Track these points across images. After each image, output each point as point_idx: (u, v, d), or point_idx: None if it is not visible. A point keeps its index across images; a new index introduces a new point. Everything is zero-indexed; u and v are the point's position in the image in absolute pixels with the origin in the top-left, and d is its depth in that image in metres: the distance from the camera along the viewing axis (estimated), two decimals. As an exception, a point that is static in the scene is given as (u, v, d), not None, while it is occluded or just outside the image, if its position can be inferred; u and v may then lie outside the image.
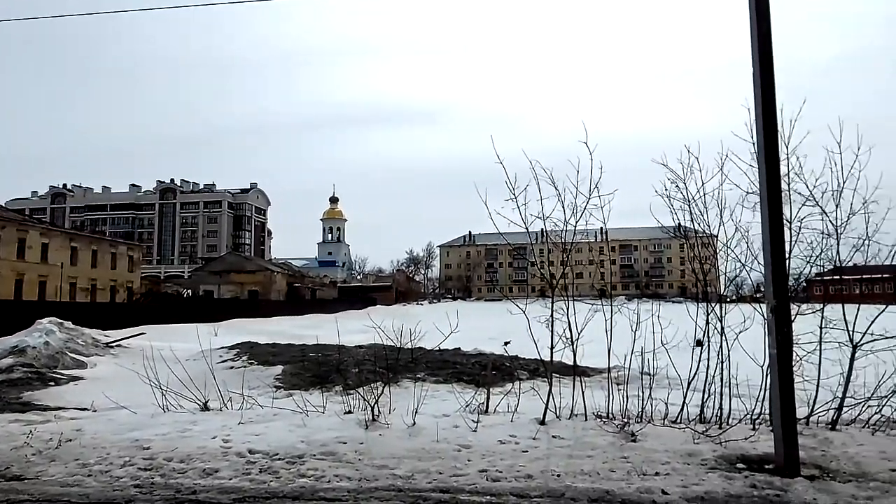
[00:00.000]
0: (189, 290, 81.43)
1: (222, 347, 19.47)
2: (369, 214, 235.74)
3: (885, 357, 7.17)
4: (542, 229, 8.58)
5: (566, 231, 8.29)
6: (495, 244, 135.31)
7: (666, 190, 8.10)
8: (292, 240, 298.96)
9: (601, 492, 5.37)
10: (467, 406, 8.29)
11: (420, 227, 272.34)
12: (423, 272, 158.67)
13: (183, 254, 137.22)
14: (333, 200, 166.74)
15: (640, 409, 7.57)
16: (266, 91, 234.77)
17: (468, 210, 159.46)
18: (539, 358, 8.53)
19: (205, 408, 8.73)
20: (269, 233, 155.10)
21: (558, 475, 5.77)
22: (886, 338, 7.19)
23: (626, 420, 7.28)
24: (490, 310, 56.69)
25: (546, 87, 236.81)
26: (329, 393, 10.61)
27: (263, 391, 11.68)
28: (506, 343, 17.99)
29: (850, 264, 7.84)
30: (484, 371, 12.07)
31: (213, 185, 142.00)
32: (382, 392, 7.99)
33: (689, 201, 7.96)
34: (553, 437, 6.95)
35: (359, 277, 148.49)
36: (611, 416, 7.64)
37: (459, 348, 17.40)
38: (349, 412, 8.22)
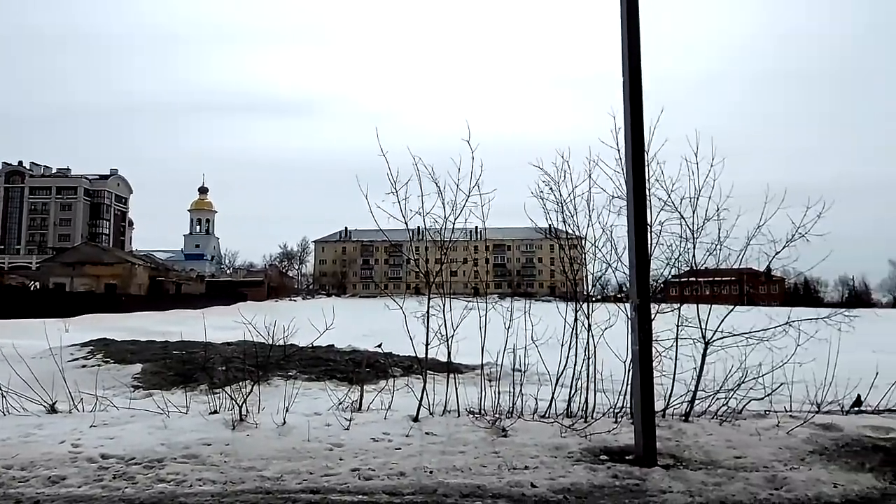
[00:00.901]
0: (37, 283, 75.12)
1: (74, 345, 17.96)
2: (242, 207, 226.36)
3: (733, 353, 7.81)
4: (420, 227, 8.59)
5: (445, 229, 8.36)
6: (371, 241, 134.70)
7: (541, 192, 8.38)
8: (157, 231, 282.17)
9: (473, 486, 5.43)
10: (340, 404, 8.15)
11: (295, 222, 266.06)
12: (296, 268, 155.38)
13: (31, 243, 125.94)
14: (203, 191, 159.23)
15: (511, 405, 7.76)
16: (135, 72, 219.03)
17: (345, 206, 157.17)
18: (414, 355, 8.54)
19: (52, 410, 8.02)
20: (131, 223, 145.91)
21: (431, 472, 5.79)
22: (734, 335, 7.83)
23: (497, 416, 7.42)
24: (365, 306, 56.27)
25: (428, 87, 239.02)
26: (193, 392, 10.07)
27: (120, 391, 10.89)
28: (378, 345, 17.91)
29: (704, 267, 8.44)
30: (358, 368, 11.94)
31: (68, 169, 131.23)
32: (251, 391, 7.69)
33: (561, 203, 8.29)
34: (426, 433, 6.97)
35: (229, 272, 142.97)
36: (483, 412, 7.76)
37: (333, 345, 17.09)
38: (215, 412, 7.84)
